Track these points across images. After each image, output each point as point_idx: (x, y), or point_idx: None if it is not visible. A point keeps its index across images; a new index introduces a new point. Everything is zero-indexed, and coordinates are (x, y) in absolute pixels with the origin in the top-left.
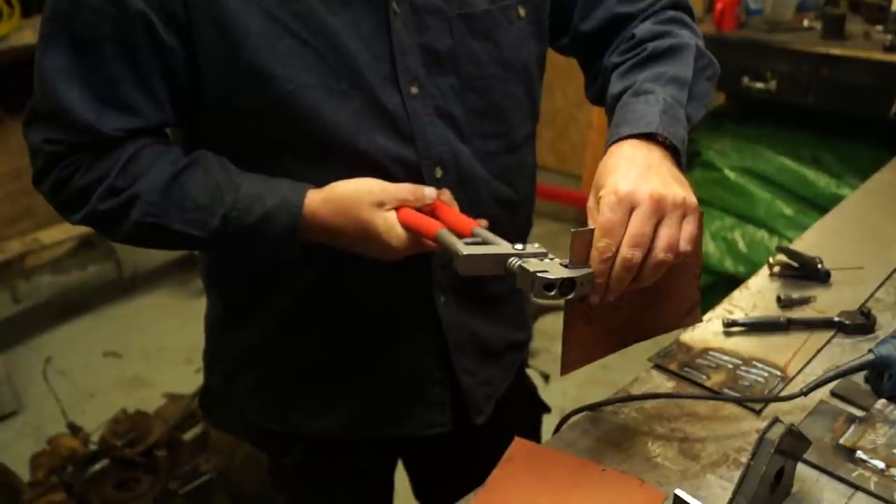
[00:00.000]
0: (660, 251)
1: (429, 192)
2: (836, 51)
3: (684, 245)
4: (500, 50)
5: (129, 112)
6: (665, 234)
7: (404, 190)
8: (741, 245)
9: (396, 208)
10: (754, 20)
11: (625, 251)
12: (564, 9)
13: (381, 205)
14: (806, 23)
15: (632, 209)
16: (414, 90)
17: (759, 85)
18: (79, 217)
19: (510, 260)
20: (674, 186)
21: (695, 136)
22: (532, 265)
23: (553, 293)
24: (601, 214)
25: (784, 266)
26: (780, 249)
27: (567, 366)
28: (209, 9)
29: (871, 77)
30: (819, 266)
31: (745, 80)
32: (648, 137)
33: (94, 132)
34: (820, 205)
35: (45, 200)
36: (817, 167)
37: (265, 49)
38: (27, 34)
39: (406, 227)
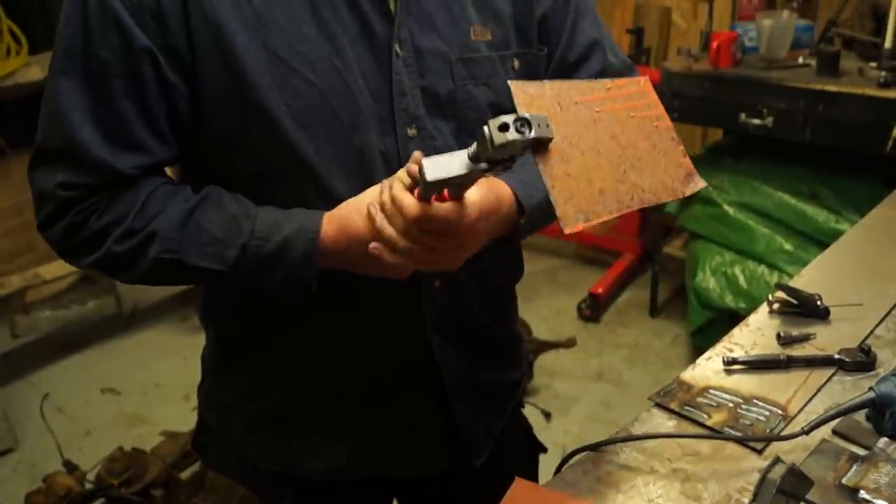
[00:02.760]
0: None
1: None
2: (831, 87)
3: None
4: (497, 96)
5: (139, 149)
6: None
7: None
8: (741, 280)
9: None
10: (750, 57)
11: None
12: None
13: (384, 188)
14: (801, 60)
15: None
16: (411, 132)
17: (756, 121)
18: (92, 260)
19: (469, 149)
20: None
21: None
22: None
23: (509, 132)
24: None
25: (783, 303)
26: (779, 287)
27: (567, 221)
28: (214, 47)
29: (866, 113)
30: (818, 303)
31: (742, 116)
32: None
33: (110, 170)
34: (819, 240)
35: None
36: (816, 202)
37: (269, 89)
38: (34, 71)
39: None
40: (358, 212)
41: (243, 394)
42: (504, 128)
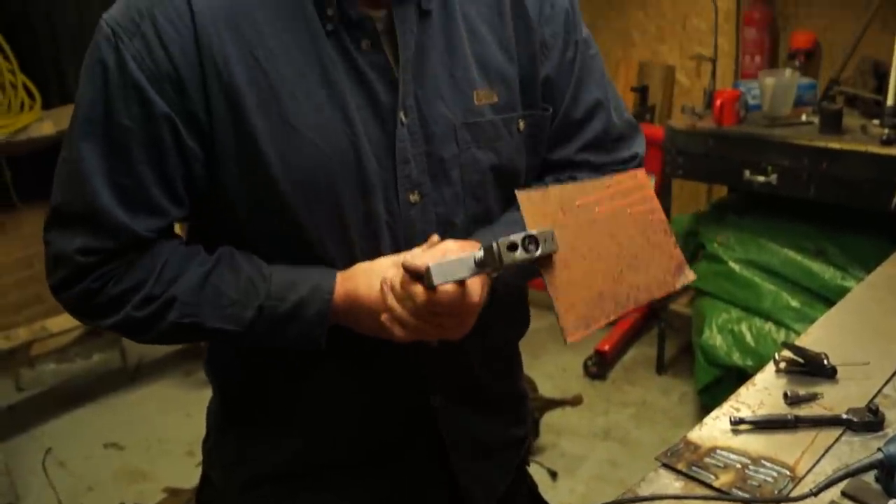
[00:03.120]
0: None
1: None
2: (834, 145)
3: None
4: (500, 159)
5: (156, 213)
6: None
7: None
8: (748, 338)
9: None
10: (753, 115)
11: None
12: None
13: (396, 265)
14: (804, 117)
15: None
16: (414, 198)
17: (761, 178)
18: (109, 323)
19: (475, 255)
20: None
21: (699, 228)
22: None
23: (518, 252)
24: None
25: (790, 362)
26: (786, 346)
27: (569, 332)
28: (228, 112)
29: (870, 170)
30: (825, 362)
31: (747, 173)
32: None
33: (130, 234)
34: (826, 296)
35: None
36: (822, 259)
37: (277, 154)
38: (47, 126)
39: None
40: (367, 280)
41: (245, 452)
42: (513, 247)
